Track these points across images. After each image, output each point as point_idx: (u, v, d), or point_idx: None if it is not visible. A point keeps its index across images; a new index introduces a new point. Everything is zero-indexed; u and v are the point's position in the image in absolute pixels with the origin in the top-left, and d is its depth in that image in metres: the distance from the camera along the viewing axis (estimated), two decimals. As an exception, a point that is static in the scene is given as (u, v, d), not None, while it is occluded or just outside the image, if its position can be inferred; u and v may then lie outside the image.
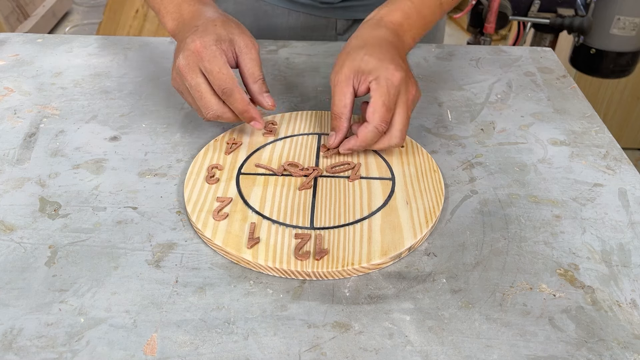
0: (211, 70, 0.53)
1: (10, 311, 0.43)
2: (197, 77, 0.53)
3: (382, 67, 0.54)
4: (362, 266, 0.46)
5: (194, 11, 0.58)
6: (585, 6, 1.45)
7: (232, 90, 0.54)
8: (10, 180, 0.56)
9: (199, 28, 0.54)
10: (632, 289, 0.46)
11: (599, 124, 0.66)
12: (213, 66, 0.53)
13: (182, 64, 0.53)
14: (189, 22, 0.57)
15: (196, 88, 0.54)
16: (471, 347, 0.41)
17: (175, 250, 0.49)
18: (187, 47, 0.53)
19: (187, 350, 0.40)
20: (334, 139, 0.57)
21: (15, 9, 2.51)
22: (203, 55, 0.53)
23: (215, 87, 0.53)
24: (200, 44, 0.53)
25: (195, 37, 0.53)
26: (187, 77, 0.53)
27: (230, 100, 0.54)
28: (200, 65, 0.53)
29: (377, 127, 0.54)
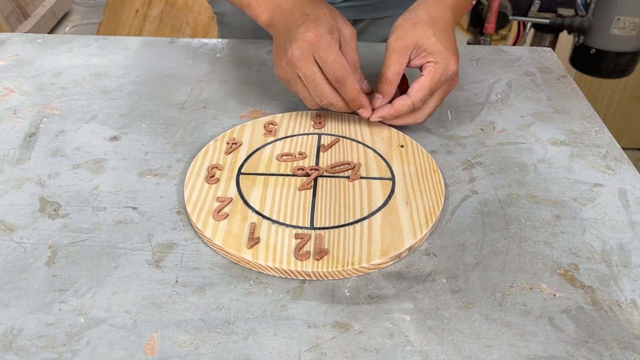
0: (326, 60, 0.54)
1: (10, 311, 0.43)
2: (312, 66, 0.54)
3: (445, 54, 0.57)
4: (362, 266, 0.46)
5: (293, 0, 0.58)
6: (585, 6, 1.45)
7: (346, 79, 0.55)
8: (10, 180, 0.56)
9: (310, 17, 0.55)
10: (632, 289, 0.46)
11: (599, 124, 0.66)
12: (329, 55, 0.54)
13: (297, 54, 0.54)
14: (291, 12, 0.57)
15: (311, 77, 0.55)
16: (471, 347, 0.41)
17: (175, 250, 0.49)
18: (300, 37, 0.54)
19: (187, 350, 0.40)
20: (380, 102, 0.60)
21: (15, 9, 2.51)
22: (319, 44, 0.53)
23: (330, 75, 0.55)
24: (314, 33, 0.53)
25: (309, 27, 0.54)
26: (301, 66, 0.54)
27: (344, 88, 0.55)
28: (315, 55, 0.54)
29: (414, 103, 0.58)
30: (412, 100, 0.58)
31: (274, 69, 0.58)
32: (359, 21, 0.86)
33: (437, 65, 0.57)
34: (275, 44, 0.58)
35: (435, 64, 0.57)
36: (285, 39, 0.56)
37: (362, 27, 0.87)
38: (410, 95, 0.57)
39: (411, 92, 0.58)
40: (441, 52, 0.57)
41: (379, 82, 0.59)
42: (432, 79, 0.57)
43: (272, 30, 0.59)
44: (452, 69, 0.57)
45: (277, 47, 0.57)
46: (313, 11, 0.56)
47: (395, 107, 0.58)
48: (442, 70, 0.57)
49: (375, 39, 0.88)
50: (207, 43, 0.83)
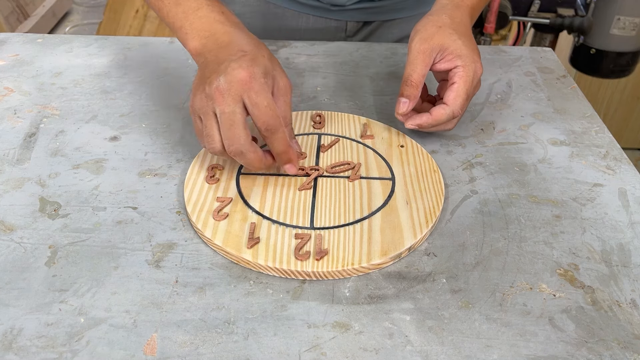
0: (258, 104, 0.49)
1: (10, 311, 0.43)
2: (235, 105, 0.48)
3: (472, 57, 0.56)
4: (362, 266, 0.46)
5: (231, 33, 0.54)
6: (585, 6, 1.45)
7: (277, 128, 0.50)
8: (10, 180, 0.56)
9: (247, 55, 0.50)
10: (632, 289, 0.46)
11: (599, 124, 0.66)
12: (261, 100, 0.49)
13: (223, 88, 0.48)
14: (228, 46, 0.52)
15: (230, 115, 0.48)
16: (471, 347, 0.41)
17: (175, 250, 0.49)
18: (231, 73, 0.48)
19: (187, 350, 0.40)
20: (407, 107, 0.58)
21: (15, 9, 2.51)
22: (251, 86, 0.48)
23: (260, 122, 0.49)
24: (248, 73, 0.48)
25: (243, 64, 0.49)
26: (223, 101, 0.48)
27: (273, 138, 0.50)
28: (244, 95, 0.49)
29: (454, 111, 0.56)
30: (451, 109, 0.56)
31: (190, 101, 0.52)
32: (369, 23, 0.87)
33: (467, 69, 0.56)
34: (198, 74, 0.52)
35: (464, 67, 0.56)
36: (213, 71, 0.50)
37: (372, 29, 0.87)
38: (449, 104, 0.56)
39: (449, 100, 0.56)
40: (468, 55, 0.56)
41: (404, 85, 0.57)
42: (466, 82, 0.56)
43: (199, 60, 0.54)
44: (480, 72, 0.57)
45: (200, 78, 0.51)
46: (252, 51, 0.51)
47: (434, 117, 0.57)
48: (472, 74, 0.56)
49: (385, 41, 0.88)
50: (207, 43, 0.83)
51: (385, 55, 0.80)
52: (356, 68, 0.77)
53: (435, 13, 0.60)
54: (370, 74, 0.76)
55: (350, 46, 0.82)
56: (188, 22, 0.55)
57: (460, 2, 0.62)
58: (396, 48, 0.82)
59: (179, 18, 0.56)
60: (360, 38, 0.88)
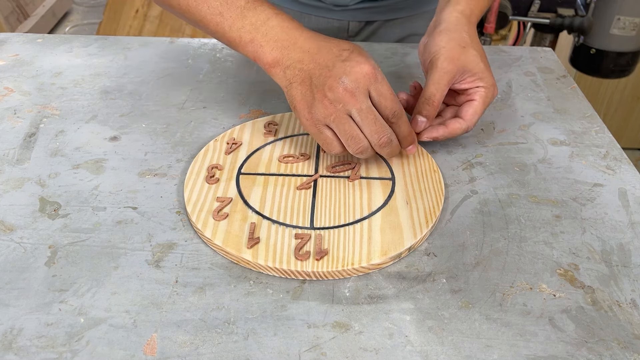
0: (384, 93, 0.50)
1: (10, 311, 0.43)
2: (367, 100, 0.50)
3: (491, 79, 0.59)
4: (362, 266, 0.46)
5: (313, 38, 0.53)
6: (585, 6, 1.45)
7: (402, 113, 0.52)
8: (10, 180, 0.56)
9: (355, 50, 0.51)
10: (632, 289, 0.46)
11: (599, 124, 0.66)
12: (386, 89, 0.50)
13: (352, 87, 0.49)
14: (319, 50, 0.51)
15: (370, 111, 0.50)
16: (471, 347, 0.41)
17: (175, 250, 0.49)
18: (353, 71, 0.49)
19: (187, 350, 0.40)
20: (425, 125, 0.58)
21: (15, 9, 2.51)
22: (377, 77, 0.50)
23: (388, 110, 0.51)
24: (371, 66, 0.50)
25: (360, 60, 0.50)
26: (357, 100, 0.49)
27: (400, 122, 0.52)
28: (371, 88, 0.50)
29: (469, 127, 0.59)
30: (467, 124, 0.58)
31: (302, 114, 0.51)
32: (371, 23, 0.87)
33: (487, 91, 0.58)
34: (300, 87, 0.51)
35: (485, 89, 0.58)
36: (326, 77, 0.50)
37: (375, 29, 0.87)
38: (466, 120, 0.58)
39: (466, 116, 0.58)
40: (488, 77, 0.58)
41: (425, 104, 0.57)
42: (484, 103, 0.58)
43: (285, 71, 0.52)
44: (496, 93, 0.59)
45: (309, 88, 0.51)
46: (351, 46, 0.52)
47: (450, 130, 0.58)
48: (491, 95, 0.59)
49: (387, 40, 0.88)
50: (207, 43, 0.83)
51: (385, 55, 0.80)
52: (356, 68, 0.77)
53: (454, 29, 0.59)
54: (370, 74, 0.76)
55: (350, 46, 0.82)
56: (260, 33, 0.53)
57: (470, 15, 0.62)
58: (396, 48, 0.82)
59: (248, 31, 0.54)
60: (362, 38, 0.88)
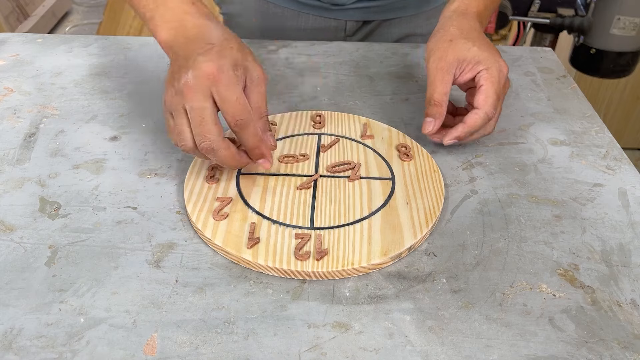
0: (227, 98, 0.47)
1: (10, 311, 0.43)
2: (204, 101, 0.47)
3: (492, 58, 0.56)
4: (362, 266, 0.46)
5: (200, 25, 0.51)
6: (585, 6, 1.45)
7: (247, 123, 0.48)
8: (10, 180, 0.56)
9: (214, 48, 0.48)
10: (632, 289, 0.46)
11: (599, 124, 0.66)
12: (230, 94, 0.47)
13: (191, 83, 0.47)
14: (195, 38, 0.50)
15: (200, 112, 0.47)
16: (471, 347, 0.41)
17: (175, 250, 0.49)
18: (199, 67, 0.47)
19: (187, 350, 0.40)
20: (434, 126, 0.57)
21: (15, 9, 2.51)
22: (220, 79, 0.47)
23: (229, 116, 0.48)
24: (216, 66, 0.47)
25: (211, 57, 0.47)
26: (193, 97, 0.47)
27: (244, 132, 0.49)
28: (213, 90, 0.47)
29: (487, 113, 0.55)
30: (484, 111, 0.55)
31: (163, 95, 0.50)
32: (368, 23, 0.87)
33: (491, 70, 0.55)
34: (170, 69, 0.50)
35: (487, 69, 0.55)
36: (181, 66, 0.48)
37: (372, 28, 0.87)
38: (480, 107, 0.55)
39: (479, 103, 0.55)
40: (488, 57, 0.56)
41: (427, 105, 0.57)
42: (493, 84, 0.55)
43: (170, 53, 0.52)
44: (505, 69, 0.56)
45: (170, 73, 0.50)
46: (219, 43, 0.49)
47: (469, 124, 0.56)
48: (497, 73, 0.55)
49: (385, 40, 0.88)
50: (207, 43, 0.83)
51: (385, 55, 0.80)
52: (356, 68, 0.77)
53: (442, 27, 0.59)
54: (370, 74, 0.76)
55: (350, 46, 0.82)
56: (159, 13, 0.53)
57: (466, 10, 0.61)
58: (396, 48, 0.82)
59: (150, 9, 0.54)
60: (359, 37, 0.88)
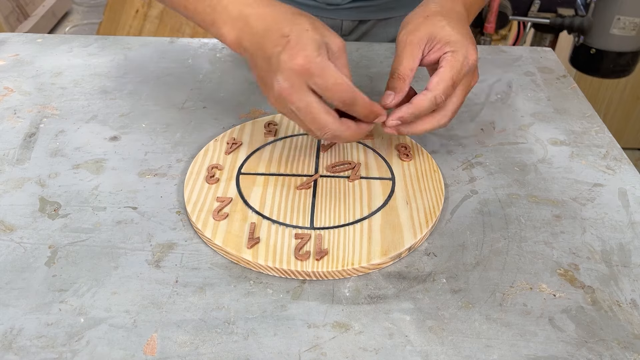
0: (326, 86, 0.46)
1: (10, 311, 0.43)
2: (306, 97, 0.46)
3: (463, 42, 0.51)
4: (362, 266, 0.46)
5: (265, 16, 0.49)
6: (585, 6, 1.45)
7: (354, 98, 0.47)
8: (10, 180, 0.56)
9: (291, 39, 0.46)
10: (632, 289, 0.46)
11: (599, 124, 0.66)
12: (327, 80, 0.46)
13: (285, 87, 0.46)
14: (266, 33, 0.48)
15: (307, 109, 0.46)
16: (471, 347, 0.41)
17: (175, 250, 0.49)
18: (286, 66, 0.45)
19: (187, 350, 0.40)
20: (392, 99, 0.52)
21: (15, 9, 2.51)
22: (312, 71, 0.45)
23: (335, 101, 0.47)
24: (303, 59, 0.45)
25: (293, 52, 0.45)
26: (293, 99, 0.46)
27: (354, 108, 0.48)
28: (309, 83, 0.46)
29: (436, 96, 0.50)
30: (433, 94, 0.50)
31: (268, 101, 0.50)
32: (365, 22, 0.86)
33: (456, 54, 0.51)
34: (254, 70, 0.49)
35: (453, 52, 0.51)
36: (266, 70, 0.47)
37: (368, 28, 0.87)
38: (430, 89, 0.50)
39: (431, 85, 0.51)
40: (458, 40, 0.51)
41: (390, 78, 0.53)
42: (453, 67, 0.50)
43: (244, 53, 0.50)
44: (472, 58, 0.52)
45: (259, 78, 0.49)
46: (293, 30, 0.47)
47: (414, 105, 0.51)
48: (462, 59, 0.51)
49: (381, 39, 0.88)
50: (207, 43, 0.83)
51: (385, 55, 0.80)
52: (356, 68, 0.77)
53: (424, 4, 0.56)
54: (370, 74, 0.76)
55: (350, 46, 0.82)
56: (217, 14, 0.51)
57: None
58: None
59: (208, 13, 0.51)
60: (355, 37, 0.88)
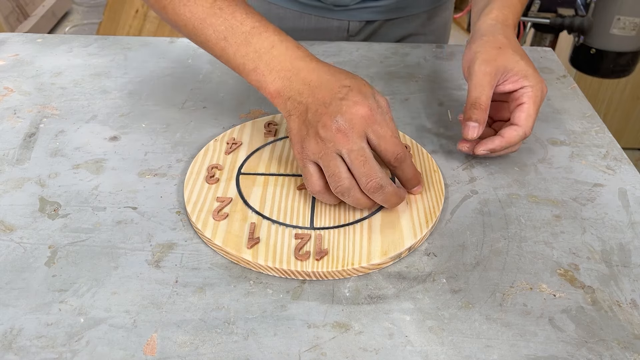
0: (384, 136, 0.47)
1: (10, 311, 0.43)
2: (361, 142, 0.47)
3: (536, 77, 0.55)
4: (362, 266, 0.46)
5: (317, 69, 0.50)
6: (585, 6, 1.45)
7: (405, 156, 0.49)
8: (10, 180, 0.56)
9: (354, 89, 0.48)
10: (632, 289, 0.46)
11: (599, 124, 0.66)
12: (386, 131, 0.47)
13: (345, 127, 0.46)
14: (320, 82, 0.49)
15: (360, 152, 0.46)
16: (471, 347, 0.41)
17: (175, 250, 0.49)
18: (349, 111, 0.46)
19: (187, 350, 0.40)
20: (477, 131, 0.55)
21: (15, 9, 2.51)
22: (374, 119, 0.47)
23: (389, 153, 0.48)
24: (368, 107, 0.47)
25: (357, 100, 0.47)
26: (348, 141, 0.46)
27: (403, 165, 0.50)
28: (368, 130, 0.47)
29: (526, 132, 0.55)
30: (523, 130, 0.55)
31: (295, 147, 0.49)
32: (371, 23, 0.87)
33: (535, 89, 0.55)
34: (297, 120, 0.49)
35: (532, 87, 0.55)
36: (321, 113, 0.47)
37: (375, 29, 0.87)
38: (521, 125, 0.55)
39: (520, 121, 0.55)
40: (533, 75, 0.55)
41: (471, 108, 0.55)
42: (535, 103, 0.55)
43: (286, 102, 0.50)
44: (546, 91, 0.56)
45: (304, 123, 0.48)
46: (353, 83, 0.49)
47: (507, 139, 0.55)
48: (540, 93, 0.55)
49: (388, 40, 0.88)
50: (207, 43, 0.83)
51: (385, 55, 0.80)
52: (356, 68, 0.77)
53: (488, 34, 0.58)
54: (370, 74, 0.76)
55: (350, 46, 0.82)
56: (263, 62, 0.51)
57: (507, 21, 0.60)
58: (396, 48, 0.82)
59: (251, 59, 0.51)
60: (362, 37, 0.88)
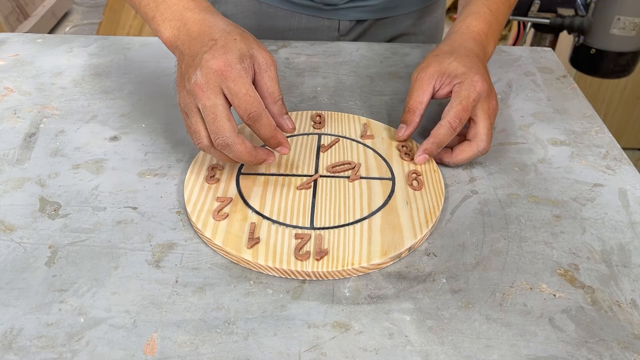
0: (237, 93, 0.48)
1: (10, 311, 0.43)
2: (215, 98, 0.47)
3: (468, 74, 0.56)
4: (362, 266, 0.46)
5: (201, 21, 0.52)
6: (585, 6, 1.45)
7: (260, 115, 0.49)
8: (10, 180, 0.56)
9: (218, 43, 0.49)
10: (632, 289, 0.46)
11: (599, 124, 0.66)
12: (240, 88, 0.48)
13: (201, 82, 0.47)
14: (198, 34, 0.51)
15: (212, 109, 0.47)
16: (471, 347, 0.41)
17: (175, 250, 0.49)
18: (206, 65, 0.48)
19: (187, 350, 0.40)
20: (404, 132, 0.59)
21: (15, 9, 2.51)
22: (228, 75, 0.47)
23: (241, 110, 0.48)
24: (223, 62, 0.47)
25: (216, 54, 0.48)
26: (203, 96, 0.47)
27: (258, 125, 0.49)
28: (222, 86, 0.48)
29: (449, 121, 0.55)
30: (446, 120, 0.55)
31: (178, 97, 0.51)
32: (362, 22, 0.87)
33: (462, 84, 0.56)
34: (178, 69, 0.51)
35: (460, 83, 0.56)
36: (189, 65, 0.49)
37: (365, 28, 0.87)
38: (442, 117, 0.56)
39: (443, 113, 0.56)
40: (464, 72, 0.57)
41: (403, 112, 0.60)
42: (459, 95, 0.55)
43: (176, 52, 0.53)
44: (478, 85, 0.56)
45: (179, 74, 0.51)
46: (222, 37, 0.49)
47: (434, 135, 0.56)
48: (468, 87, 0.55)
49: (378, 39, 0.88)
50: (207, 43, 0.83)
51: (385, 55, 0.80)
52: (356, 68, 0.77)
53: (437, 45, 0.63)
54: (370, 74, 0.76)
55: (350, 46, 0.82)
56: (159, 12, 0.54)
57: (465, 30, 0.63)
58: (396, 48, 0.82)
59: (151, 8, 0.54)
60: (353, 37, 0.88)
